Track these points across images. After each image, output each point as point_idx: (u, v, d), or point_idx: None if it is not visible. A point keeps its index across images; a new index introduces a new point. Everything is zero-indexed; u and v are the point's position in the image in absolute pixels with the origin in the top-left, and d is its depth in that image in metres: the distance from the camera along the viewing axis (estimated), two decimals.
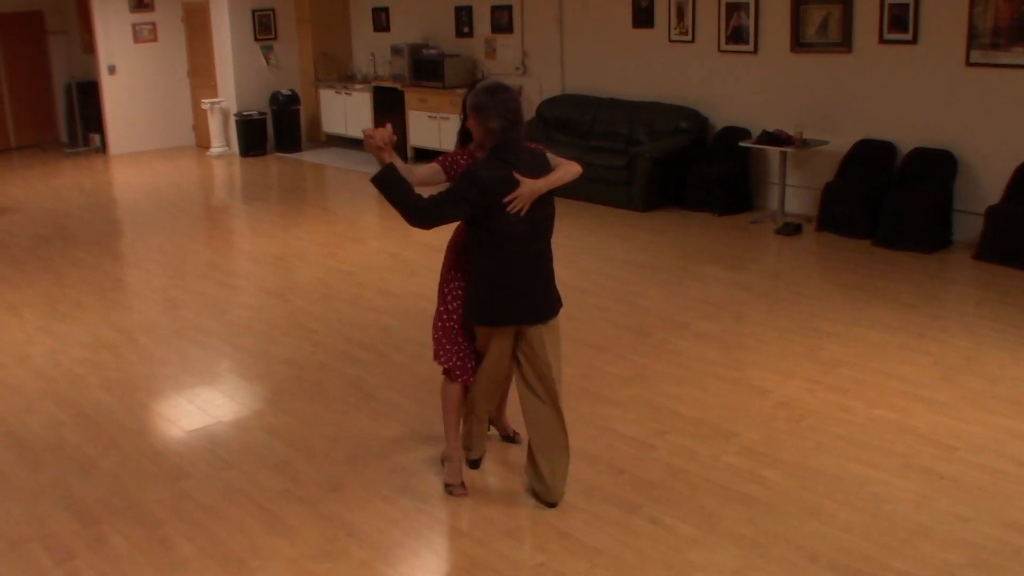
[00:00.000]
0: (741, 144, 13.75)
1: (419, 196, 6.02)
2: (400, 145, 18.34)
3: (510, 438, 7.34)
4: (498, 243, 6.10)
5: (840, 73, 13.15)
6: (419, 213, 6.01)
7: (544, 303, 6.34)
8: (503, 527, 6.21)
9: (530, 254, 6.19)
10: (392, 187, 6.00)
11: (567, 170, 6.23)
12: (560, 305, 6.47)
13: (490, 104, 6.01)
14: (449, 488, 6.69)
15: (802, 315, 9.85)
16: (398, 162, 6.12)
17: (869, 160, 12.79)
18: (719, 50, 14.51)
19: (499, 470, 6.94)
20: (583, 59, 16.57)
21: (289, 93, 20.97)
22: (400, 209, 6.03)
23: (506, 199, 5.93)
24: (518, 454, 7.05)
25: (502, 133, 5.99)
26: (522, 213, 5.98)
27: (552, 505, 6.44)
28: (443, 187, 6.13)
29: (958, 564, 5.66)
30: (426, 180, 6.31)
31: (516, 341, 6.37)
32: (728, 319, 9.84)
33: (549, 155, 6.33)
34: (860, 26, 12.82)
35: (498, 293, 6.20)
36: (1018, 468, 6.76)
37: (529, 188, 5.96)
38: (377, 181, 6.03)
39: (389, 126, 6.10)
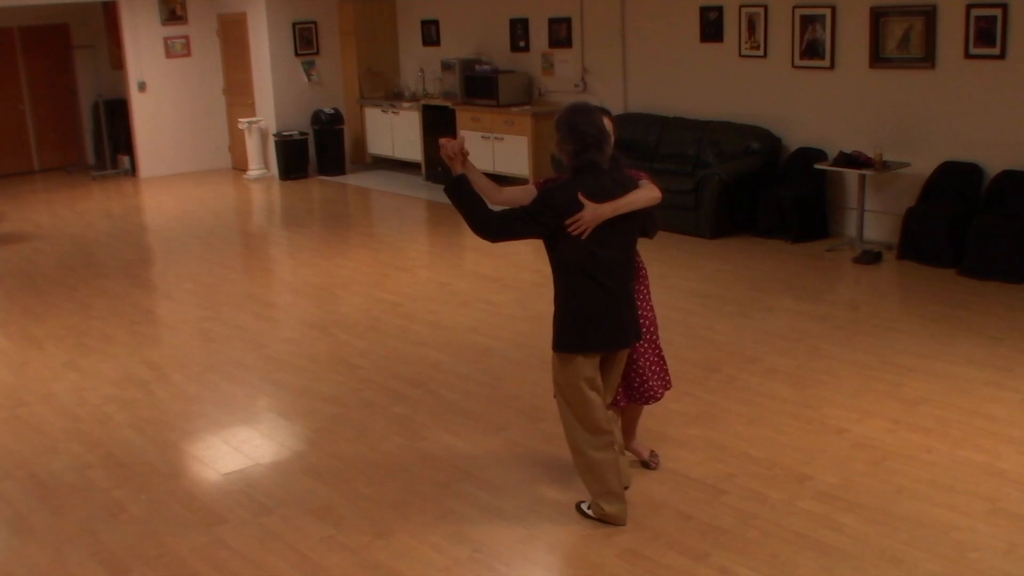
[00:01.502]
0: (816, 166, 13.77)
1: (488, 208, 6.48)
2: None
3: (646, 464, 7.57)
4: (572, 267, 6.48)
5: (923, 90, 13.14)
6: (486, 225, 6.46)
7: (630, 326, 6.71)
8: None
9: (609, 278, 6.51)
10: (458, 198, 6.47)
11: (638, 195, 6.49)
12: (639, 337, 6.90)
13: (566, 126, 6.46)
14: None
15: (882, 349, 9.85)
16: (479, 177, 6.73)
17: (954, 183, 12.75)
18: (793, 66, 14.52)
19: (556, 516, 6.99)
20: (647, 75, 16.61)
21: (332, 112, 21.04)
22: (467, 219, 6.48)
23: (568, 221, 6.25)
24: (575, 498, 7.10)
25: (575, 156, 6.42)
26: (583, 237, 6.29)
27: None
28: None
29: None
30: (515, 199, 6.78)
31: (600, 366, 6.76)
32: (802, 354, 9.85)
33: (643, 181, 6.66)
34: (944, 40, 12.81)
35: (582, 319, 6.54)
36: None
37: (592, 213, 6.27)
38: (447, 191, 6.52)
39: (462, 136, 6.68)
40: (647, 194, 6.53)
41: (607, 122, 6.69)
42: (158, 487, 7.68)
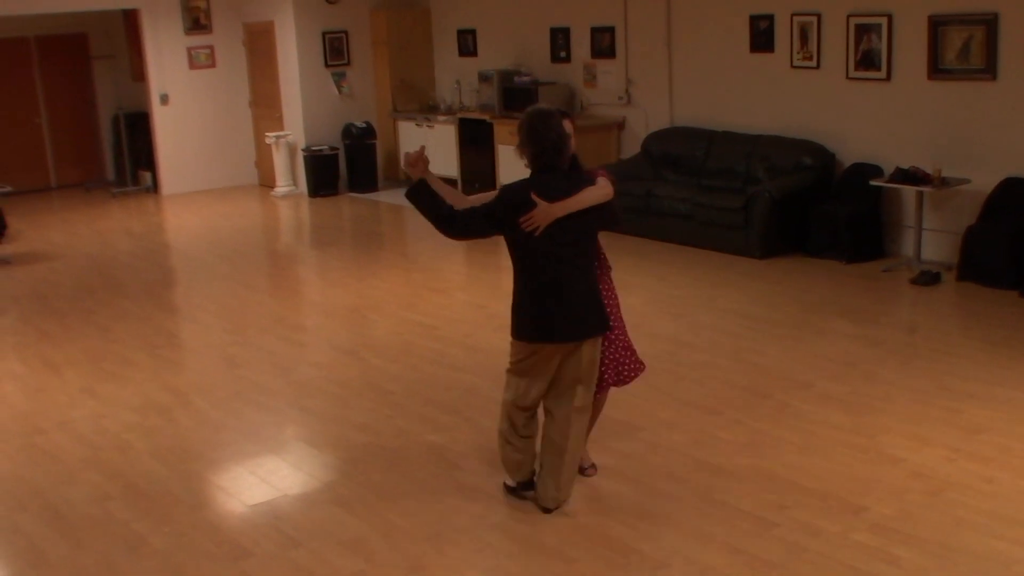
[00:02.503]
0: (872, 183, 13.74)
1: (450, 207, 7.20)
2: (489, 183, 18.20)
3: (583, 470, 7.85)
4: (527, 263, 7.07)
5: (984, 103, 13.10)
6: (449, 222, 7.15)
7: (588, 318, 7.16)
8: None
9: (563, 273, 7.03)
10: (420, 200, 7.13)
11: (587, 193, 7.05)
12: (606, 327, 7.29)
13: (527, 129, 7.07)
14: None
15: (940, 375, 9.83)
16: (440, 185, 7.36)
17: (1016, 200, 12.69)
18: (847, 77, 14.51)
19: (599, 549, 7.01)
20: (694, 87, 16.63)
21: (364, 126, 21.08)
22: (430, 219, 7.16)
23: (521, 219, 6.83)
24: (619, 531, 7.12)
25: (534, 159, 7.11)
26: (536, 234, 6.90)
27: (545, 510, 7.44)
28: None
29: None
30: (481, 202, 7.43)
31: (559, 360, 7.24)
32: (857, 379, 9.84)
33: (600, 180, 7.18)
34: (1006, 50, 12.76)
35: (534, 310, 7.10)
36: None
37: (542, 211, 6.86)
38: (408, 195, 7.18)
39: (422, 147, 7.28)
40: (597, 192, 7.08)
41: (567, 124, 7.20)
42: (181, 519, 7.72)
